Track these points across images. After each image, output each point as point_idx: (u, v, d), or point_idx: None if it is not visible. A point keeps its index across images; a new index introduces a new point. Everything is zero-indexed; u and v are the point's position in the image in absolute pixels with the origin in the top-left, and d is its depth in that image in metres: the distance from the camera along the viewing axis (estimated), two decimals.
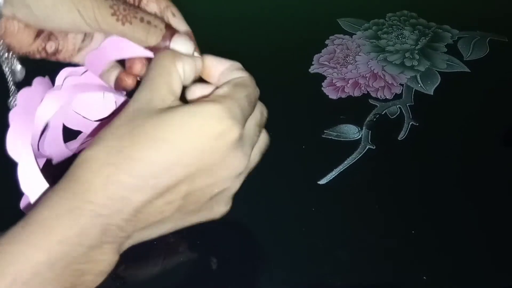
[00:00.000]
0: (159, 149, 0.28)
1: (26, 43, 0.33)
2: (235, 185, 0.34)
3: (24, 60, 0.34)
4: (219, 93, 0.31)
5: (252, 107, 0.33)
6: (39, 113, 0.33)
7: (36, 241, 0.26)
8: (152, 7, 0.36)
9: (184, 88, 0.33)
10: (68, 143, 0.42)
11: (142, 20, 0.32)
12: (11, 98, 0.34)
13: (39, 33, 0.33)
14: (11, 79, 0.34)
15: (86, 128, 0.42)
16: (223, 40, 0.66)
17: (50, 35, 0.34)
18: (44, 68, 0.38)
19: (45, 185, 0.33)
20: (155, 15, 0.34)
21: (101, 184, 0.27)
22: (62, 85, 0.36)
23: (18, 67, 0.34)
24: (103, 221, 0.28)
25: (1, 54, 0.32)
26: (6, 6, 0.29)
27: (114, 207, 0.28)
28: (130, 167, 0.28)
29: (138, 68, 0.35)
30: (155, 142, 0.28)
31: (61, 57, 0.36)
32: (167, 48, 0.33)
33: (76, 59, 0.37)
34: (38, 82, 0.35)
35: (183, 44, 0.34)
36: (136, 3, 0.36)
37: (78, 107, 0.40)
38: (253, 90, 0.33)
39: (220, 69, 0.35)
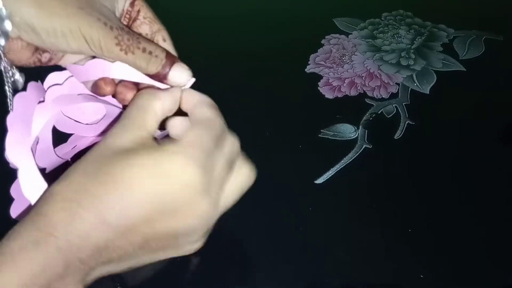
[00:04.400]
0: (119, 190, 0.29)
1: (25, 58, 0.34)
2: (205, 227, 0.33)
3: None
4: (186, 140, 0.32)
5: (219, 148, 0.33)
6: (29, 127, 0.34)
7: (3, 272, 0.27)
8: (145, 29, 0.37)
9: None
10: (59, 147, 0.42)
11: (144, 50, 0.33)
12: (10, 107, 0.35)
13: (37, 48, 0.34)
14: (11, 90, 0.35)
15: (77, 130, 0.42)
16: (218, 40, 0.67)
17: (56, 51, 0.35)
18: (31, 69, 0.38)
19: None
20: (157, 45, 0.34)
21: (64, 220, 0.28)
22: (45, 96, 0.36)
23: (19, 78, 0.35)
24: (65, 255, 0.28)
25: (5, 70, 0.33)
26: (13, 30, 0.30)
27: (75, 243, 0.29)
28: (92, 205, 0.29)
29: (129, 96, 0.36)
30: (116, 183, 0.29)
31: (52, 63, 0.37)
32: (167, 75, 0.34)
33: (62, 62, 0.38)
34: (33, 87, 0.35)
35: (181, 73, 0.35)
36: (130, 23, 0.36)
37: (69, 111, 0.40)
38: (219, 129, 0.33)
39: (192, 102, 0.35)
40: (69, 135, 0.43)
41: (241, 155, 0.35)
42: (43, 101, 0.36)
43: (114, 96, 0.37)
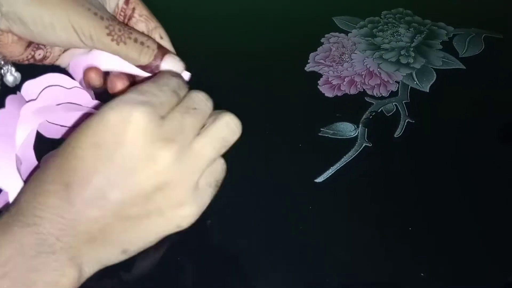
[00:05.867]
0: (69, 155, 0.29)
1: (17, 53, 0.34)
2: (182, 180, 0.30)
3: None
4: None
5: (163, 91, 0.31)
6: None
7: None
8: (141, 27, 0.37)
9: None
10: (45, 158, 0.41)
11: (136, 40, 0.33)
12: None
13: (29, 43, 0.34)
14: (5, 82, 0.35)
15: (64, 134, 0.42)
16: (217, 39, 0.66)
17: (39, 44, 0.35)
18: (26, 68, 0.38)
19: None
20: (148, 36, 0.34)
21: (27, 197, 0.29)
22: (20, 113, 0.35)
23: (15, 73, 0.35)
24: (34, 230, 0.28)
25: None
26: (2, 21, 0.30)
27: (41, 215, 0.29)
28: (45, 175, 0.29)
29: (119, 86, 0.35)
30: (63, 150, 0.29)
31: (47, 62, 0.37)
32: (158, 67, 0.34)
33: (58, 62, 0.38)
34: (11, 101, 0.35)
35: (173, 64, 0.34)
36: (126, 21, 0.36)
37: (52, 118, 0.39)
38: (164, 76, 0.33)
39: None
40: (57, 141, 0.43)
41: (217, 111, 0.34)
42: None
43: (104, 86, 0.37)
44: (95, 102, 0.39)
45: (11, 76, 0.35)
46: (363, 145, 0.52)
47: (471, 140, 0.54)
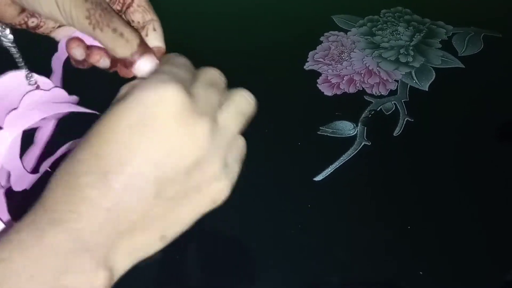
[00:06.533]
0: (104, 143, 0.28)
1: (10, 16, 0.34)
2: (215, 152, 0.31)
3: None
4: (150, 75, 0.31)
5: (182, 69, 0.32)
6: None
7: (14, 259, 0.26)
8: (137, 17, 0.37)
9: None
10: (47, 161, 0.41)
11: (114, 30, 0.32)
12: None
13: (23, 9, 0.34)
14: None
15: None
16: (217, 38, 0.66)
17: (33, 12, 0.35)
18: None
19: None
20: (134, 31, 0.34)
21: (58, 193, 0.28)
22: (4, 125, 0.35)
23: (7, 32, 0.36)
24: (69, 227, 0.27)
25: None
26: None
27: (78, 211, 0.27)
28: (79, 168, 0.28)
29: (96, 58, 0.35)
30: (97, 137, 0.29)
31: (40, 31, 0.37)
32: (134, 63, 0.33)
33: (53, 35, 0.38)
34: None
35: (151, 65, 0.34)
36: (124, 9, 0.36)
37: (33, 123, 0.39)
38: (176, 56, 0.33)
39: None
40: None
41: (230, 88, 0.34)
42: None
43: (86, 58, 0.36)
44: (73, 97, 0.38)
45: (9, 33, 0.35)
46: (362, 143, 0.52)
47: (470, 138, 0.54)
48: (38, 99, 0.37)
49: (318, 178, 0.48)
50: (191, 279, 0.40)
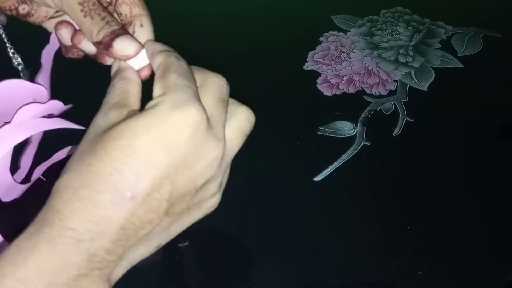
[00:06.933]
0: (126, 157, 0.28)
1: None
2: (219, 173, 0.32)
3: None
4: (157, 94, 0.31)
5: (191, 81, 0.32)
6: None
7: (11, 272, 0.26)
8: (124, 10, 0.36)
9: None
10: (40, 166, 0.41)
11: (103, 18, 0.33)
12: None
13: None
14: None
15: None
16: (216, 38, 0.66)
17: None
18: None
19: None
20: (116, 20, 0.34)
21: (78, 209, 0.27)
22: None
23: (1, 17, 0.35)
24: (87, 247, 0.27)
25: None
26: None
27: (97, 230, 0.27)
28: (101, 184, 0.27)
29: (79, 39, 0.35)
30: (119, 152, 0.28)
31: (31, 20, 0.37)
32: (110, 45, 0.33)
33: (45, 25, 0.37)
34: None
35: (126, 43, 0.34)
36: (114, 1, 0.36)
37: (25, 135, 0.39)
38: (182, 65, 0.33)
39: (161, 65, 0.35)
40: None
41: (233, 100, 0.34)
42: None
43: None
44: (69, 106, 0.38)
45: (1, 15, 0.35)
46: (362, 143, 0.52)
47: (469, 138, 0.54)
48: (33, 114, 0.36)
49: (318, 178, 0.48)
50: (191, 279, 0.40)
